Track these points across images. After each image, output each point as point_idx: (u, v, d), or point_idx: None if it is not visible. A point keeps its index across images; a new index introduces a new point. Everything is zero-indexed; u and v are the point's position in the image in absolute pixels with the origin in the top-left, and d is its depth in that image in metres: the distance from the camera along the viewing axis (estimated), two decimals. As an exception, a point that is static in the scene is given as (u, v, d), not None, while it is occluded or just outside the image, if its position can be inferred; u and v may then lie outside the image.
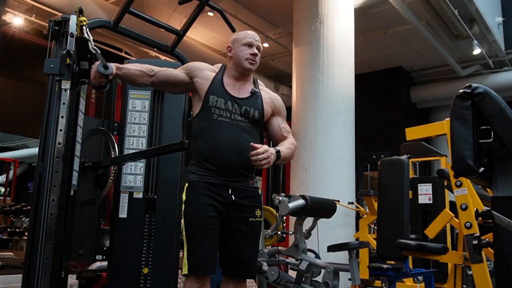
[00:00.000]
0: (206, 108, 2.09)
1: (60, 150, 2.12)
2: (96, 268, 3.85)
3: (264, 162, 1.93)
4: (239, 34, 2.26)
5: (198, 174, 2.07)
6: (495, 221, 1.49)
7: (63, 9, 6.00)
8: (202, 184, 2.05)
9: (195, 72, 2.17)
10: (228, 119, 2.08)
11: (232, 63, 2.20)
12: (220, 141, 2.05)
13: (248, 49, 2.17)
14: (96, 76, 1.96)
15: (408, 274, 3.03)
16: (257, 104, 2.15)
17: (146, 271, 2.80)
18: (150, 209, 2.87)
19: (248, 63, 2.16)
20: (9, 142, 16.15)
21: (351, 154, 5.31)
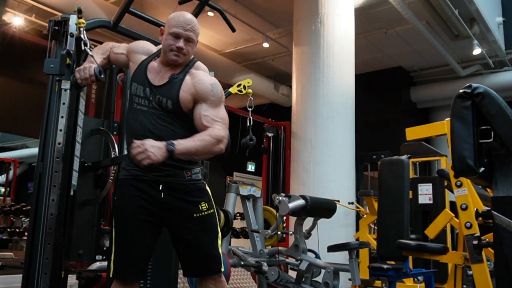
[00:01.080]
0: (130, 96, 2.00)
1: (60, 150, 2.12)
2: (96, 268, 3.85)
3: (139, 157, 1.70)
4: (171, 17, 1.96)
5: (126, 170, 1.94)
6: (495, 221, 1.49)
7: (63, 9, 6.00)
8: (131, 182, 1.90)
9: (130, 55, 2.08)
10: (146, 107, 1.91)
11: (163, 51, 1.97)
12: (137, 131, 1.89)
13: (175, 40, 1.91)
14: (90, 78, 1.96)
15: (408, 274, 3.03)
16: (170, 93, 1.91)
17: (146, 271, 2.80)
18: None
19: (172, 55, 1.92)
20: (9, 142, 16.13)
21: (351, 154, 5.31)
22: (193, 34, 1.94)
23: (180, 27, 1.91)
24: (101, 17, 2.69)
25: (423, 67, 9.51)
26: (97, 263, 3.85)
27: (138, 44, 2.14)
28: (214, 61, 8.16)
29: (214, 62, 8.07)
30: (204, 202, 1.94)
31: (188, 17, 1.96)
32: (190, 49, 1.95)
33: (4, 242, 8.99)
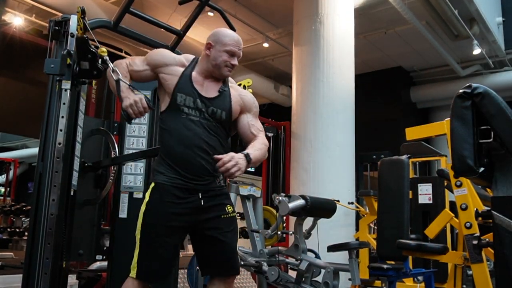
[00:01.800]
0: (174, 105, 2.01)
1: (60, 150, 2.12)
2: (96, 268, 3.85)
3: (234, 169, 1.83)
4: (224, 35, 2.09)
5: (166, 176, 1.98)
6: (495, 221, 1.49)
7: (63, 9, 6.00)
8: (169, 188, 1.96)
9: (160, 68, 2.06)
10: (197, 117, 2.00)
11: (208, 63, 2.07)
12: (190, 139, 1.97)
13: (230, 57, 2.06)
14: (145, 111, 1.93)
15: (408, 274, 3.03)
16: (224, 104, 2.06)
17: (146, 271, 2.80)
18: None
19: (227, 71, 2.07)
20: (9, 142, 16.13)
21: (351, 154, 5.31)
22: (241, 52, 2.13)
23: (236, 47, 2.07)
24: (101, 17, 2.70)
25: (423, 67, 9.51)
26: (97, 263, 3.85)
27: (165, 55, 2.10)
28: (214, 61, 8.15)
29: (214, 62, 8.06)
30: (230, 205, 2.09)
31: (238, 36, 2.14)
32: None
33: (4, 242, 8.98)
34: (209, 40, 2.11)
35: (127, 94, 1.94)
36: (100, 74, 2.29)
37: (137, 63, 2.08)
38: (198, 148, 1.96)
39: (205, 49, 2.10)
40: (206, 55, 2.09)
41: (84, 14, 2.17)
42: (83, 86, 2.42)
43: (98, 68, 2.25)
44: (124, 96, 1.93)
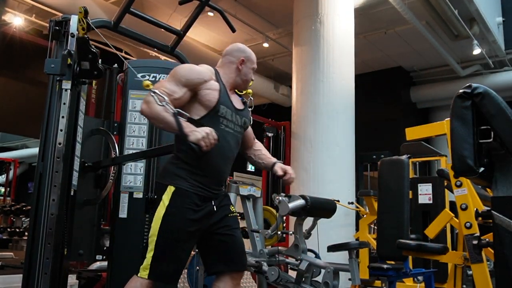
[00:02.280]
0: (214, 116, 2.04)
1: (60, 150, 2.12)
2: (96, 268, 3.85)
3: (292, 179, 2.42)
4: (252, 53, 2.30)
5: (189, 183, 2.01)
6: (495, 221, 1.49)
7: (63, 9, 6.00)
8: (191, 195, 1.99)
9: (200, 85, 2.04)
10: (232, 130, 2.12)
11: (238, 77, 2.21)
12: (225, 150, 2.08)
13: (252, 73, 2.28)
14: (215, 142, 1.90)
15: (408, 274, 3.03)
16: (248, 115, 2.27)
17: (146, 271, 2.80)
18: (150, 209, 2.87)
19: (248, 86, 2.28)
20: (9, 142, 16.14)
21: (351, 154, 5.31)
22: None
23: (255, 64, 2.31)
24: (101, 17, 2.70)
25: (423, 67, 9.51)
26: (97, 263, 3.85)
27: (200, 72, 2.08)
28: (214, 61, 8.10)
29: (214, 62, 8.03)
30: (232, 206, 2.23)
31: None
32: None
33: (4, 242, 8.99)
34: (242, 56, 2.23)
35: (191, 128, 1.88)
36: (100, 74, 2.29)
37: (175, 89, 1.98)
38: (229, 159, 2.13)
39: (237, 63, 2.21)
40: (237, 69, 2.20)
41: (87, 14, 2.17)
42: (83, 86, 2.42)
43: (99, 68, 2.25)
44: (189, 131, 1.87)
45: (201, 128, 1.87)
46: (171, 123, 1.87)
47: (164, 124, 1.91)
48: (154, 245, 1.95)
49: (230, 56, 2.23)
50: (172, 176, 2.02)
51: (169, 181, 2.02)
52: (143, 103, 1.93)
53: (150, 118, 1.96)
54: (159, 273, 1.94)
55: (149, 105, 1.90)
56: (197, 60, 2.36)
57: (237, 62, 2.21)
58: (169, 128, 1.91)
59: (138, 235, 2.83)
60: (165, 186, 2.01)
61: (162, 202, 1.99)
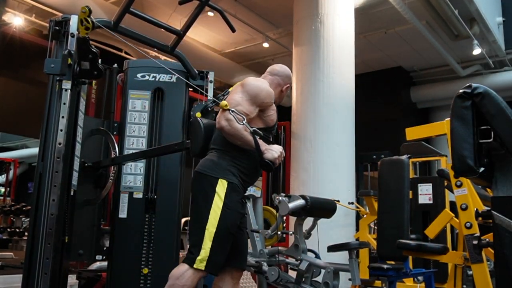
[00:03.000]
0: (269, 131, 2.29)
1: (60, 150, 2.12)
2: (96, 268, 3.85)
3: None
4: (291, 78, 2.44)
5: (239, 180, 2.15)
6: (495, 221, 1.49)
7: (63, 9, 6.00)
8: (241, 191, 2.16)
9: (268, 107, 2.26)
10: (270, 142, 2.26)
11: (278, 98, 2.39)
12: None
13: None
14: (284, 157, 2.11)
15: (408, 274, 3.03)
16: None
17: (146, 271, 2.81)
18: (150, 209, 2.87)
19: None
20: (9, 142, 16.13)
21: (351, 154, 5.31)
22: None
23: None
24: (101, 17, 2.69)
25: (423, 67, 9.51)
26: (97, 263, 3.85)
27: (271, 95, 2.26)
28: (214, 61, 8.16)
29: (214, 62, 8.07)
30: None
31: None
32: None
33: (4, 242, 8.99)
34: (288, 83, 2.42)
35: (266, 147, 2.09)
36: (100, 74, 2.29)
37: (251, 110, 2.17)
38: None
39: (284, 87, 2.39)
40: (281, 92, 2.40)
41: (91, 13, 2.17)
42: (83, 86, 2.43)
43: (99, 68, 2.25)
44: (265, 149, 2.07)
45: (275, 147, 2.08)
46: (250, 141, 2.05)
47: (243, 142, 2.09)
48: (213, 237, 2.02)
49: (279, 78, 2.36)
50: (224, 171, 2.12)
51: (221, 175, 2.11)
52: (223, 119, 2.07)
53: (230, 135, 2.09)
54: (214, 264, 2.03)
55: (230, 122, 2.05)
56: (197, 60, 2.37)
57: (284, 87, 2.39)
58: (246, 145, 2.09)
59: (138, 235, 2.83)
60: (216, 179, 2.09)
61: (217, 195, 2.06)
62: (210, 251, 2.00)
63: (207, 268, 2.01)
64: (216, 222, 2.03)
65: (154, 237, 2.84)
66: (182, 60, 2.99)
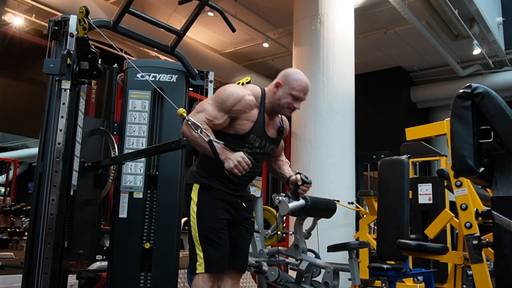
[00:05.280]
0: (241, 139, 2.11)
1: (60, 150, 2.12)
2: (96, 268, 3.85)
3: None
4: (294, 78, 2.16)
5: (209, 179, 2.14)
6: (495, 221, 1.49)
7: (63, 9, 6.00)
8: (213, 188, 2.13)
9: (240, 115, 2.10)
10: (256, 154, 2.16)
11: (273, 99, 2.18)
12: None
13: (294, 101, 2.16)
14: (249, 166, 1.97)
15: (408, 274, 3.03)
16: (279, 141, 2.31)
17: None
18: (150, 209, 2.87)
19: (287, 112, 2.21)
20: (9, 142, 16.14)
21: (351, 154, 5.31)
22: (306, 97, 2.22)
23: (303, 93, 2.16)
24: (101, 17, 2.70)
25: (423, 67, 9.51)
26: (97, 263, 3.85)
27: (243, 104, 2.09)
28: (214, 61, 8.15)
29: (214, 62, 8.06)
30: (253, 211, 2.36)
31: (308, 83, 2.20)
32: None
33: (4, 242, 8.98)
34: (279, 79, 2.19)
35: (226, 155, 1.97)
36: (100, 74, 2.29)
37: (216, 115, 2.06)
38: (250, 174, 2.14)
39: (273, 86, 2.20)
40: (273, 92, 2.19)
41: (88, 14, 2.16)
42: (82, 86, 2.42)
43: (98, 68, 2.25)
44: (224, 158, 1.96)
45: (234, 155, 1.95)
46: (207, 148, 1.97)
47: (201, 149, 2.04)
48: (199, 240, 2.07)
49: (276, 78, 2.22)
50: (196, 176, 2.17)
51: (194, 180, 2.16)
52: (184, 125, 2.04)
53: (190, 140, 2.07)
54: (212, 263, 2.05)
55: (189, 129, 2.01)
56: (197, 60, 2.36)
57: (274, 85, 2.20)
58: (206, 152, 2.02)
59: (138, 235, 2.82)
60: (191, 185, 2.16)
61: (192, 200, 2.12)
62: (203, 252, 2.06)
63: (206, 268, 2.05)
64: (196, 226, 2.09)
65: (154, 238, 2.83)
66: (182, 60, 2.99)
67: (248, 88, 2.20)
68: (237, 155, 1.95)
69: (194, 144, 2.04)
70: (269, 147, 2.23)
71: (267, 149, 2.23)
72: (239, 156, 1.94)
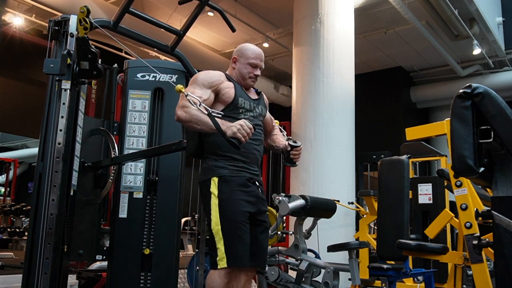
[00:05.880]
0: (233, 107, 2.22)
1: (60, 150, 2.12)
2: (96, 268, 3.86)
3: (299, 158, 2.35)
4: (247, 49, 2.33)
5: (229, 169, 2.16)
6: (495, 221, 1.49)
7: (63, 9, 6.00)
8: (234, 179, 2.14)
9: (219, 86, 2.22)
10: (252, 117, 2.26)
11: (236, 75, 2.33)
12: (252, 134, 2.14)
13: (253, 69, 2.31)
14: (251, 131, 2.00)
15: (408, 274, 3.02)
16: (264, 103, 2.44)
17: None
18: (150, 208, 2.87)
19: (250, 81, 2.34)
20: (9, 142, 16.15)
21: (351, 154, 5.31)
22: (263, 64, 2.38)
23: (258, 59, 2.33)
24: (101, 17, 2.69)
25: (423, 67, 9.51)
26: (97, 263, 3.86)
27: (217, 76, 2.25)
28: (214, 61, 8.15)
29: (214, 62, 8.06)
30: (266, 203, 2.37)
31: (261, 50, 2.37)
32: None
33: (4, 242, 8.99)
34: (234, 55, 2.36)
35: (226, 125, 2.01)
36: (100, 74, 2.29)
37: (201, 93, 2.14)
38: (258, 141, 2.27)
39: (231, 62, 2.36)
40: (232, 68, 2.35)
41: (89, 13, 2.16)
42: (82, 86, 2.42)
43: (98, 68, 2.25)
44: (226, 128, 1.99)
45: (235, 123, 2.00)
46: (208, 122, 2.01)
47: (202, 125, 2.04)
48: (221, 233, 2.05)
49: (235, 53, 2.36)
50: (213, 169, 2.16)
51: (211, 174, 2.15)
52: (178, 109, 2.07)
53: (187, 121, 2.07)
54: (235, 257, 2.03)
55: (185, 109, 2.05)
56: (197, 60, 2.38)
57: (231, 61, 2.36)
58: (207, 128, 2.03)
59: (138, 235, 2.82)
60: (208, 180, 2.15)
61: (213, 194, 2.11)
62: (225, 246, 2.04)
63: (229, 263, 2.03)
64: (218, 219, 2.07)
65: (154, 238, 2.84)
66: (182, 60, 2.99)
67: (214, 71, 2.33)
68: (237, 122, 2.00)
69: (193, 122, 2.04)
70: (258, 107, 2.34)
71: (259, 111, 2.33)
72: (238, 123, 1.99)
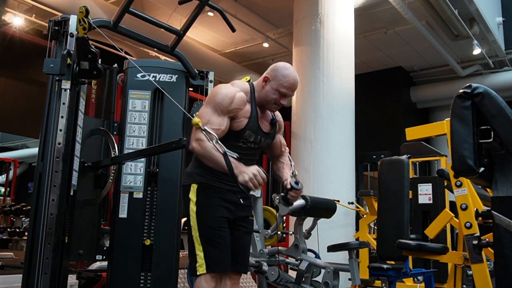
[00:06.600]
0: (237, 135, 2.10)
1: (60, 150, 2.12)
2: (96, 268, 3.86)
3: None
4: (283, 74, 2.13)
5: (207, 178, 2.10)
6: (495, 221, 1.49)
7: (63, 9, 6.00)
8: (211, 187, 2.10)
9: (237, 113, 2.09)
10: (249, 148, 2.17)
11: (261, 95, 2.16)
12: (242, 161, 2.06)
13: (280, 97, 2.15)
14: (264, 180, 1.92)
15: (408, 274, 3.03)
16: (273, 135, 2.28)
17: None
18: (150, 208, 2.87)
19: (273, 108, 2.21)
20: (9, 142, 16.15)
21: (351, 154, 5.31)
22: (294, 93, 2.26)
23: (290, 90, 2.15)
24: (101, 17, 2.69)
25: (423, 67, 9.50)
26: (97, 263, 3.86)
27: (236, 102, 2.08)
28: (214, 61, 8.15)
29: (214, 62, 8.06)
30: (251, 209, 2.32)
31: (297, 79, 2.17)
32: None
33: (4, 242, 8.99)
34: (267, 74, 2.17)
35: (240, 168, 1.92)
36: (100, 74, 2.29)
37: (220, 122, 2.03)
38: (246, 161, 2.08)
39: (262, 80, 2.17)
40: (262, 86, 2.17)
41: (88, 13, 2.17)
42: (82, 86, 2.42)
43: (98, 68, 2.25)
44: (238, 172, 1.90)
45: (250, 169, 1.90)
46: (221, 163, 1.92)
47: (214, 164, 1.97)
48: (199, 240, 2.04)
49: (266, 72, 2.19)
50: (193, 176, 2.13)
51: (191, 181, 2.13)
52: (192, 141, 2.00)
53: (201, 156, 2.02)
54: (213, 263, 2.02)
55: (200, 143, 1.97)
56: (197, 60, 2.36)
57: (262, 79, 2.17)
58: (218, 167, 1.96)
59: (138, 235, 2.82)
60: (189, 186, 2.12)
61: (191, 201, 2.09)
62: (203, 252, 2.03)
63: (208, 269, 2.01)
64: (196, 226, 2.05)
65: (154, 238, 2.84)
66: (182, 60, 2.99)
67: (236, 84, 2.17)
68: (253, 169, 1.91)
69: (206, 158, 1.98)
70: (264, 141, 2.23)
71: (262, 144, 2.22)
72: (252, 172, 1.89)
